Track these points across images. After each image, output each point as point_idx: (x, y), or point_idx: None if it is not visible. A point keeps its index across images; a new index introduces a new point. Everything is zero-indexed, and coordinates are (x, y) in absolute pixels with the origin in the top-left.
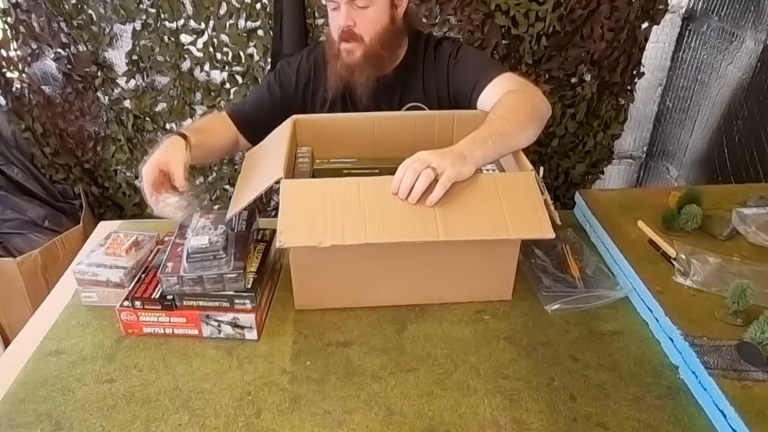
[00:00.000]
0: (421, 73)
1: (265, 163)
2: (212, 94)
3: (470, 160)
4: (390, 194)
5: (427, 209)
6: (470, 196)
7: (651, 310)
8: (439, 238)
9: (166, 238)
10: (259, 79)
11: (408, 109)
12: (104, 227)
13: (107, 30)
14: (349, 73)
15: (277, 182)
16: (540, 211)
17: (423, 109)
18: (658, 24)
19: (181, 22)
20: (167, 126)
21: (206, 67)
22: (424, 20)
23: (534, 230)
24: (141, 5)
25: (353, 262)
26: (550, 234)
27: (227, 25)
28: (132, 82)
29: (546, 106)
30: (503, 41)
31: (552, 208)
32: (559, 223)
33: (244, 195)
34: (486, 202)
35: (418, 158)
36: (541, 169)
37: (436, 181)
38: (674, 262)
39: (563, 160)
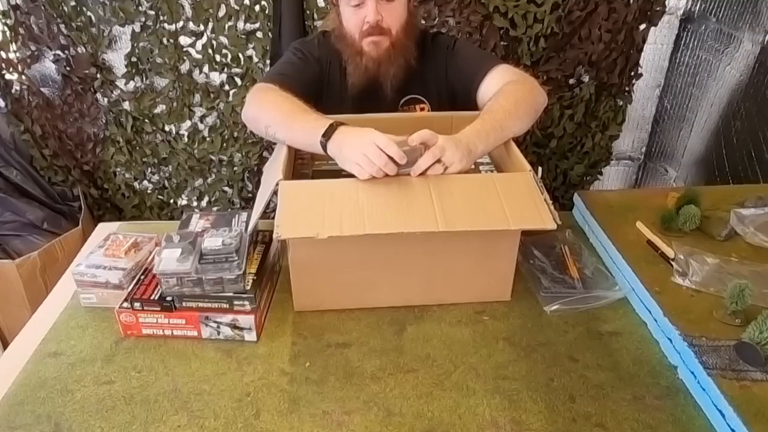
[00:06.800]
0: (420, 66)
1: (271, 170)
2: (211, 95)
3: (473, 156)
4: (389, 192)
5: (426, 204)
6: (470, 191)
7: (650, 311)
8: (438, 228)
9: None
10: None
11: (406, 102)
12: (103, 229)
13: (106, 32)
14: (376, 66)
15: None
16: (540, 205)
17: (421, 101)
18: (655, 25)
19: (180, 24)
20: (166, 128)
21: (205, 68)
22: (423, 22)
23: (535, 221)
24: (140, 7)
25: (352, 259)
26: (552, 225)
27: (226, 27)
28: (131, 84)
29: (543, 98)
30: (501, 43)
31: (552, 207)
32: (559, 222)
33: (257, 206)
34: (485, 198)
35: (440, 147)
36: (539, 169)
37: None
38: (673, 263)
39: (562, 161)
